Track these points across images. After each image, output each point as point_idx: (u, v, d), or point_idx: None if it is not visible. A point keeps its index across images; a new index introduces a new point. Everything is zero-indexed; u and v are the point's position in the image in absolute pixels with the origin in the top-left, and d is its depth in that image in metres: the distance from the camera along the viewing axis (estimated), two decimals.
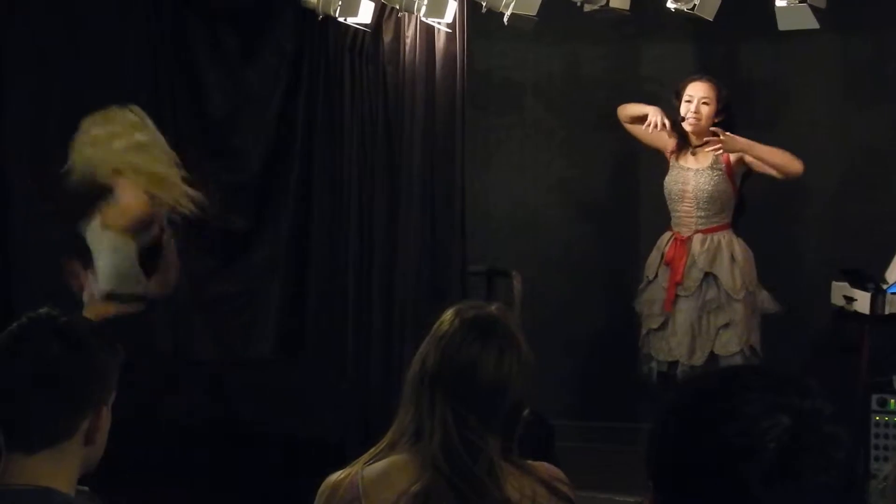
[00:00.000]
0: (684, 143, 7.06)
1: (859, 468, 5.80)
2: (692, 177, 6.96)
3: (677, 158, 7.08)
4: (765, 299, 6.99)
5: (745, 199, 7.06)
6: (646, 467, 1.89)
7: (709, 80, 6.99)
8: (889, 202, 7.81)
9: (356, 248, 7.12)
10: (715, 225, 6.96)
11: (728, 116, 6.96)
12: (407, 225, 7.04)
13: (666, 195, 7.11)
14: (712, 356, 6.86)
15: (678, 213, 7.04)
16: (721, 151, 6.80)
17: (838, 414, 1.79)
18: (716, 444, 1.74)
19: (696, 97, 6.92)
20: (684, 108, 6.94)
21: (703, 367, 6.81)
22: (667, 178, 7.12)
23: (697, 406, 1.81)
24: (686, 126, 6.95)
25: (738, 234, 7.01)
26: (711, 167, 6.93)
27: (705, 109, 6.92)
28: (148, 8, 7.38)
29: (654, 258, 7.13)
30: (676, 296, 6.92)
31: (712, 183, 6.91)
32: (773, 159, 6.84)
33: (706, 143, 6.94)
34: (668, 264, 6.98)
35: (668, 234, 7.09)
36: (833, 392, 1.85)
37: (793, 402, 1.75)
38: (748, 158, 6.89)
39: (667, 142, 7.13)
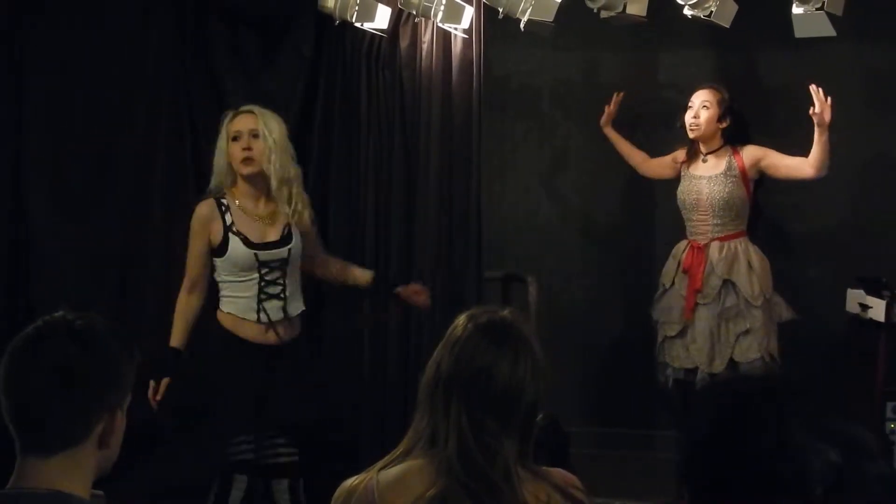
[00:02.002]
0: (694, 152, 7.05)
1: None
2: (705, 185, 6.95)
3: (688, 167, 7.08)
4: (781, 306, 6.97)
5: (760, 205, 7.05)
6: (680, 478, 1.88)
7: (710, 87, 7.03)
8: None
9: (372, 252, 7.12)
10: (731, 232, 6.94)
11: (735, 121, 6.96)
12: (424, 230, 7.03)
13: (680, 205, 7.10)
14: (731, 363, 6.85)
15: (693, 222, 7.03)
16: (818, 110, 6.64)
17: (886, 448, 1.79)
18: (763, 474, 1.74)
19: (697, 102, 6.97)
20: (686, 116, 6.99)
21: (723, 374, 6.79)
22: (679, 188, 7.11)
23: (744, 430, 1.79)
24: (689, 132, 6.97)
25: (753, 240, 7.00)
26: (725, 174, 6.91)
27: (705, 114, 6.93)
28: (169, 11, 7.39)
29: (670, 266, 7.12)
30: (696, 303, 6.91)
31: (727, 189, 6.89)
32: (827, 156, 6.78)
33: (720, 149, 6.94)
34: (685, 272, 6.97)
35: (683, 243, 7.08)
36: (849, 399, 1.85)
37: (841, 432, 1.75)
38: (763, 164, 6.88)
39: (674, 157, 7.16)
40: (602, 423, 8.07)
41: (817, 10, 6.09)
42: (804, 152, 6.93)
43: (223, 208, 6.04)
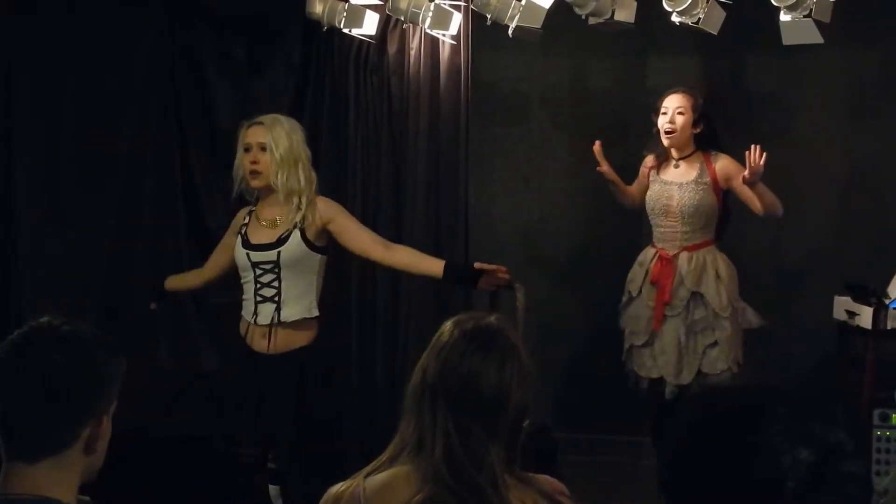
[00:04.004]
0: (665, 156, 7.01)
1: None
2: (676, 191, 6.89)
3: (658, 172, 7.02)
4: (748, 312, 6.95)
5: (730, 212, 7.02)
6: (660, 483, 1.89)
7: (684, 91, 6.93)
8: (893, 217, 7.82)
9: (360, 257, 7.12)
10: (699, 241, 6.89)
11: (707, 126, 6.87)
12: (411, 236, 7.03)
13: (648, 210, 7.04)
14: (699, 373, 6.84)
15: (662, 229, 6.98)
16: (747, 174, 6.50)
17: (860, 448, 1.80)
18: (738, 476, 1.75)
19: (671, 108, 6.88)
20: (660, 121, 6.90)
21: (691, 385, 6.79)
22: (649, 194, 7.03)
23: (722, 433, 1.81)
24: (664, 138, 6.89)
25: (721, 248, 6.97)
26: (696, 181, 6.85)
27: (680, 119, 6.86)
28: (159, 18, 7.40)
29: (636, 274, 7.07)
30: (664, 315, 6.89)
31: (697, 196, 6.84)
32: (772, 198, 6.74)
33: (691, 154, 6.91)
34: (654, 283, 6.93)
35: (651, 251, 7.03)
36: (835, 407, 1.85)
37: (817, 435, 1.76)
38: (731, 184, 6.81)
39: (644, 165, 7.13)
40: (589, 429, 8.06)
41: (805, 17, 6.09)
42: (793, 158, 6.94)
43: (251, 213, 6.11)
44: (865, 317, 6.79)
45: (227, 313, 6.28)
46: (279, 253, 5.97)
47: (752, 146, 6.44)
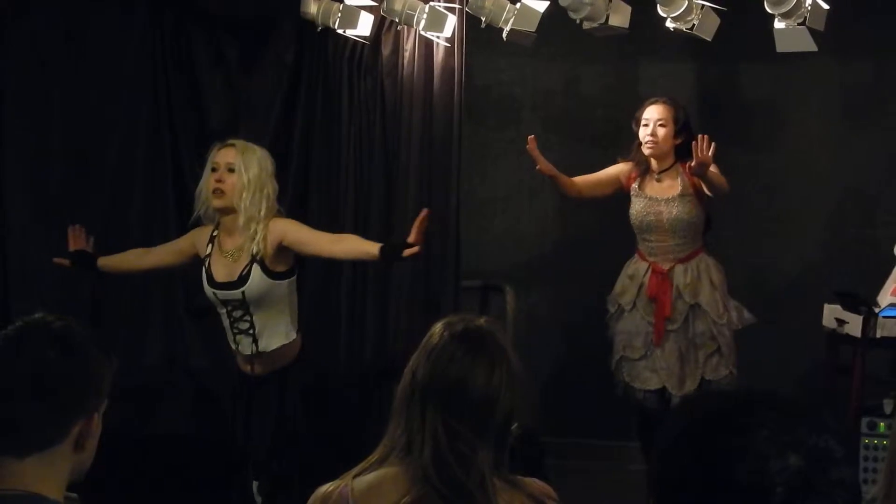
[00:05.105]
0: (646, 169, 6.97)
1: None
2: (664, 207, 6.85)
3: (641, 187, 6.97)
4: (740, 311, 6.93)
5: (710, 217, 6.99)
6: (650, 486, 1.90)
7: (664, 102, 6.88)
8: (884, 225, 7.82)
9: (351, 260, 7.12)
10: (691, 251, 6.88)
11: (688, 136, 6.74)
12: (402, 237, 7.02)
13: (635, 227, 6.98)
14: (702, 381, 6.83)
15: (652, 243, 6.94)
16: (695, 164, 6.44)
17: (849, 454, 1.80)
18: (727, 481, 1.76)
19: (652, 120, 6.83)
20: (642, 133, 6.85)
21: (695, 392, 6.77)
22: (634, 210, 6.97)
23: (711, 438, 1.81)
24: (645, 150, 6.85)
25: (707, 250, 6.96)
26: (682, 195, 6.82)
27: (662, 131, 6.81)
28: (150, 17, 7.39)
29: (626, 286, 7.01)
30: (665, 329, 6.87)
31: (686, 210, 6.81)
32: (720, 181, 6.70)
33: (671, 167, 6.87)
34: (652, 300, 6.90)
35: (643, 265, 6.97)
36: (824, 414, 1.85)
37: (805, 440, 1.76)
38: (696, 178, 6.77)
39: (619, 173, 7.08)
40: (577, 433, 8.05)
41: (799, 24, 6.10)
42: (785, 165, 6.94)
43: (213, 238, 6.08)
44: (854, 325, 6.79)
45: (214, 312, 6.28)
46: (243, 293, 5.96)
47: (700, 136, 6.42)
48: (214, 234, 6.09)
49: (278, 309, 6.06)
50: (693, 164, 6.45)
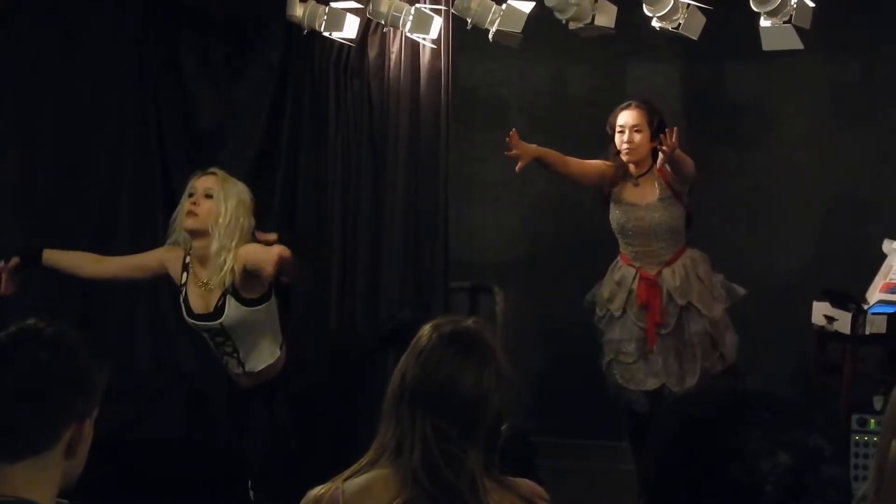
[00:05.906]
0: (624, 174, 6.93)
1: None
2: (645, 212, 6.83)
3: (620, 192, 6.94)
4: (732, 289, 6.92)
5: (692, 215, 6.98)
6: (641, 485, 1.90)
7: (637, 107, 6.84)
8: (872, 222, 7.83)
9: (339, 261, 7.12)
10: (676, 250, 6.87)
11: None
12: (390, 240, 7.03)
13: (617, 232, 6.96)
14: (703, 372, 6.81)
15: (636, 248, 6.91)
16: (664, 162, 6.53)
17: (839, 453, 1.81)
18: (718, 480, 1.76)
19: (627, 126, 6.80)
20: (618, 140, 6.82)
21: (694, 386, 6.77)
22: (615, 216, 6.94)
23: (702, 437, 1.82)
24: (623, 157, 6.82)
25: (690, 244, 6.94)
26: (661, 199, 6.81)
27: (638, 136, 6.79)
28: (138, 19, 7.38)
29: (614, 292, 6.96)
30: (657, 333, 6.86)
31: (667, 214, 6.80)
32: (683, 158, 6.63)
33: (649, 170, 6.85)
34: (643, 307, 6.88)
35: (630, 271, 6.92)
36: (814, 412, 1.86)
37: (796, 439, 1.77)
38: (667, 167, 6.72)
39: (603, 170, 7.01)
40: (567, 434, 8.05)
41: (785, 23, 6.11)
42: (773, 163, 6.94)
43: (186, 265, 6.05)
44: (844, 322, 6.79)
45: None
46: (221, 324, 5.95)
47: (668, 129, 6.42)
48: (188, 261, 6.04)
49: (259, 332, 6.04)
50: (661, 159, 6.49)
